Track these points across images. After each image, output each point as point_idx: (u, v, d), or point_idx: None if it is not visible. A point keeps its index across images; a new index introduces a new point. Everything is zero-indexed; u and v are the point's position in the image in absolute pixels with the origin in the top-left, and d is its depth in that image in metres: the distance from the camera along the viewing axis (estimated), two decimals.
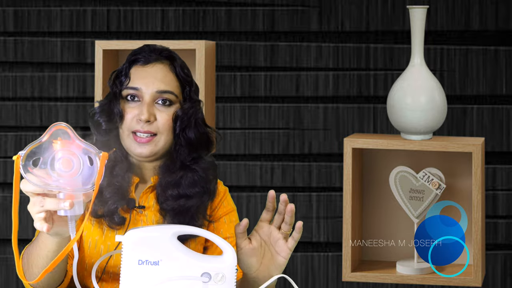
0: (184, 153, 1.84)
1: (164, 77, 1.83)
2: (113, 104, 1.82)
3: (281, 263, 1.66)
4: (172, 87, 1.83)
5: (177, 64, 1.85)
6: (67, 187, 1.41)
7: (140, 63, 1.84)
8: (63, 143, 1.41)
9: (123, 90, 1.83)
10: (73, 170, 1.41)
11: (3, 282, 3.00)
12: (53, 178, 1.40)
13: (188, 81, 1.86)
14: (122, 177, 1.81)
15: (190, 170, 1.84)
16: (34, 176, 1.40)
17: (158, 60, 1.85)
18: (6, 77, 3.01)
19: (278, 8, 2.98)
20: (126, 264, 1.53)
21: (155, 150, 1.81)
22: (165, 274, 1.53)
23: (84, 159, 1.42)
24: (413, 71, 2.32)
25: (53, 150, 1.40)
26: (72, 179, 1.41)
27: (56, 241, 1.52)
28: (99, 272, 1.77)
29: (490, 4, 2.92)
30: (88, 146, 1.43)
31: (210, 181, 1.86)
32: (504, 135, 2.93)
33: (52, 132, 1.41)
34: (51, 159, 1.40)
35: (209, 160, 1.88)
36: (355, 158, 2.33)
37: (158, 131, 1.81)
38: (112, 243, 1.78)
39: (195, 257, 1.56)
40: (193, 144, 1.84)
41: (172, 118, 1.82)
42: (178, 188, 1.82)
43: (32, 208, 1.43)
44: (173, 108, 1.83)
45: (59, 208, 1.42)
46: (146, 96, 1.81)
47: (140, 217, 1.82)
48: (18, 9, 3.00)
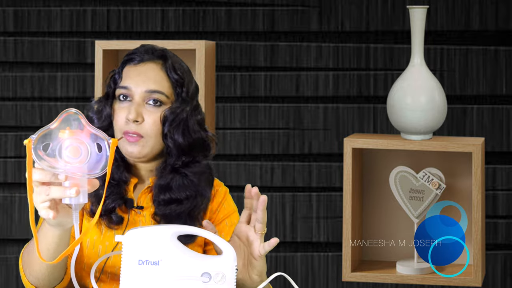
0: (173, 156, 1.81)
1: (155, 77, 1.80)
2: (105, 104, 1.82)
3: (255, 265, 1.62)
4: (162, 87, 1.80)
5: (168, 64, 1.82)
6: (74, 173, 1.41)
7: (133, 63, 1.82)
8: (71, 132, 1.41)
9: (116, 89, 1.82)
10: (81, 158, 1.41)
11: (3, 282, 3.00)
12: (61, 164, 1.40)
13: (180, 82, 1.82)
14: (119, 176, 1.80)
15: (180, 174, 1.81)
16: (44, 160, 1.40)
17: (151, 60, 1.82)
18: (6, 77, 3.01)
19: (278, 8, 2.98)
20: (126, 264, 1.53)
21: (143, 152, 1.79)
22: (165, 274, 1.53)
23: (92, 146, 1.42)
24: (413, 71, 2.32)
25: (60, 139, 1.40)
26: (79, 166, 1.41)
27: (57, 234, 1.51)
28: (97, 273, 1.77)
29: (490, 4, 2.92)
30: (97, 132, 1.43)
31: (202, 186, 1.83)
32: (504, 135, 2.93)
33: (63, 118, 1.41)
34: (59, 147, 1.40)
35: (204, 163, 1.85)
36: (355, 158, 2.33)
37: (146, 134, 1.78)
38: (110, 243, 1.78)
39: (195, 257, 1.56)
40: (182, 147, 1.80)
41: (160, 119, 1.80)
42: (169, 192, 1.80)
43: (37, 197, 1.43)
44: (164, 109, 1.80)
45: (65, 195, 1.42)
46: (136, 95, 1.79)
47: (139, 218, 1.82)
48: (18, 9, 3.00)
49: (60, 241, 1.53)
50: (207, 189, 1.84)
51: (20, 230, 3.00)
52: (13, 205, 3.00)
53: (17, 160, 3.01)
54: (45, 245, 1.54)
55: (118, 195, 1.79)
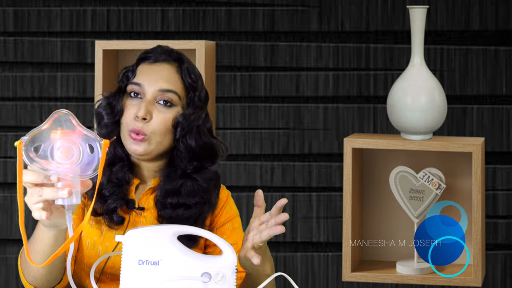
0: (184, 160, 1.82)
1: (169, 77, 1.81)
2: (117, 99, 1.82)
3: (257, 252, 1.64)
4: (175, 88, 1.81)
5: (184, 67, 1.83)
6: (66, 174, 1.40)
7: (148, 61, 1.83)
8: (63, 132, 1.40)
9: (128, 85, 1.82)
10: (73, 159, 1.41)
11: (3, 282, 3.00)
12: (53, 166, 1.40)
13: (193, 86, 1.83)
14: (122, 175, 1.80)
15: (191, 179, 1.82)
16: (35, 162, 1.39)
17: (166, 61, 1.84)
18: (6, 77, 3.01)
19: (278, 8, 2.98)
20: (126, 264, 1.53)
21: (149, 149, 1.80)
22: (165, 274, 1.53)
23: (84, 147, 1.41)
24: (413, 71, 2.32)
25: (52, 140, 1.40)
26: (71, 167, 1.41)
27: (52, 234, 1.51)
28: (97, 273, 1.77)
29: (490, 4, 2.92)
30: (89, 132, 1.42)
31: (210, 192, 1.84)
32: (504, 135, 2.93)
33: (54, 119, 1.41)
34: (51, 148, 1.40)
35: (213, 170, 1.86)
36: (355, 158, 2.33)
37: (151, 132, 1.79)
38: (110, 244, 1.78)
39: (195, 257, 1.56)
40: (194, 152, 1.81)
41: (172, 124, 1.80)
42: (178, 197, 1.80)
43: (30, 199, 1.43)
44: (174, 110, 1.81)
45: (58, 196, 1.41)
46: (148, 93, 1.80)
47: (140, 219, 1.82)
48: (18, 9, 3.00)
49: (55, 242, 1.53)
50: (214, 196, 1.85)
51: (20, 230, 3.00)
52: (13, 205, 3.00)
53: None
54: (41, 247, 1.54)
55: (120, 195, 1.79)
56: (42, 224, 1.50)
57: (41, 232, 1.53)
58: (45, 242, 1.53)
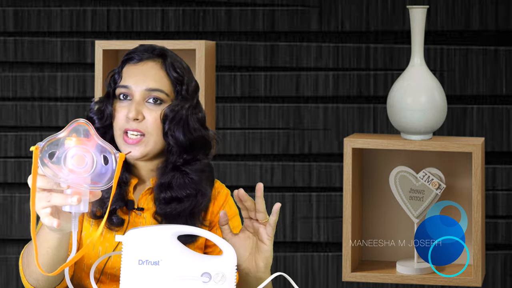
0: (175, 153, 1.81)
1: (154, 75, 1.80)
2: (105, 104, 1.82)
3: (263, 250, 1.65)
4: (162, 85, 1.80)
5: (168, 62, 1.82)
6: (77, 183, 1.40)
7: (132, 62, 1.82)
8: (78, 140, 1.40)
9: (116, 89, 1.82)
10: (86, 167, 1.41)
11: (3, 282, 3.00)
12: (65, 173, 1.40)
13: (180, 80, 1.82)
14: (120, 177, 1.80)
15: (181, 172, 1.81)
16: (48, 168, 1.39)
17: (150, 58, 1.82)
18: (6, 77, 3.01)
19: (278, 8, 2.98)
20: (126, 264, 1.53)
21: (145, 151, 1.79)
22: (165, 274, 1.53)
23: (98, 157, 1.41)
24: (413, 71, 2.32)
25: (67, 147, 1.40)
26: (83, 176, 1.41)
27: (57, 237, 1.51)
28: (97, 274, 1.77)
29: (490, 4, 2.92)
30: (105, 144, 1.42)
31: (202, 184, 1.83)
32: (504, 135, 2.93)
33: (72, 128, 1.41)
34: (65, 155, 1.40)
35: (205, 162, 1.85)
36: (355, 158, 2.33)
37: (147, 131, 1.78)
38: (110, 244, 1.78)
39: (195, 257, 1.56)
40: (183, 145, 1.80)
41: (160, 117, 1.80)
42: (170, 190, 1.80)
43: (38, 203, 1.43)
44: (164, 107, 1.80)
45: (66, 203, 1.41)
46: (136, 94, 1.79)
47: (139, 219, 1.81)
48: (18, 9, 3.00)
49: (59, 245, 1.53)
50: (208, 188, 1.84)
51: (20, 230, 3.00)
52: (13, 205, 3.00)
53: (17, 160, 3.01)
54: (45, 248, 1.54)
55: (119, 196, 1.79)
56: (48, 228, 1.51)
57: (45, 233, 1.53)
58: (49, 244, 1.53)
